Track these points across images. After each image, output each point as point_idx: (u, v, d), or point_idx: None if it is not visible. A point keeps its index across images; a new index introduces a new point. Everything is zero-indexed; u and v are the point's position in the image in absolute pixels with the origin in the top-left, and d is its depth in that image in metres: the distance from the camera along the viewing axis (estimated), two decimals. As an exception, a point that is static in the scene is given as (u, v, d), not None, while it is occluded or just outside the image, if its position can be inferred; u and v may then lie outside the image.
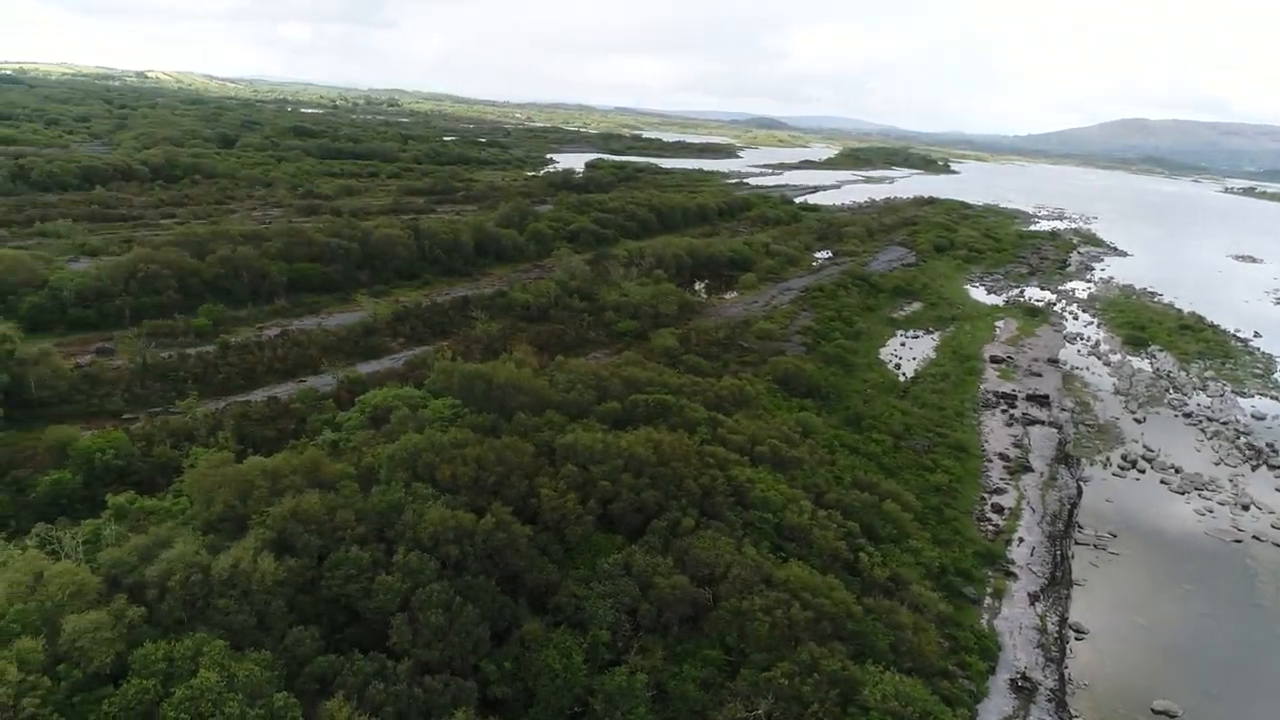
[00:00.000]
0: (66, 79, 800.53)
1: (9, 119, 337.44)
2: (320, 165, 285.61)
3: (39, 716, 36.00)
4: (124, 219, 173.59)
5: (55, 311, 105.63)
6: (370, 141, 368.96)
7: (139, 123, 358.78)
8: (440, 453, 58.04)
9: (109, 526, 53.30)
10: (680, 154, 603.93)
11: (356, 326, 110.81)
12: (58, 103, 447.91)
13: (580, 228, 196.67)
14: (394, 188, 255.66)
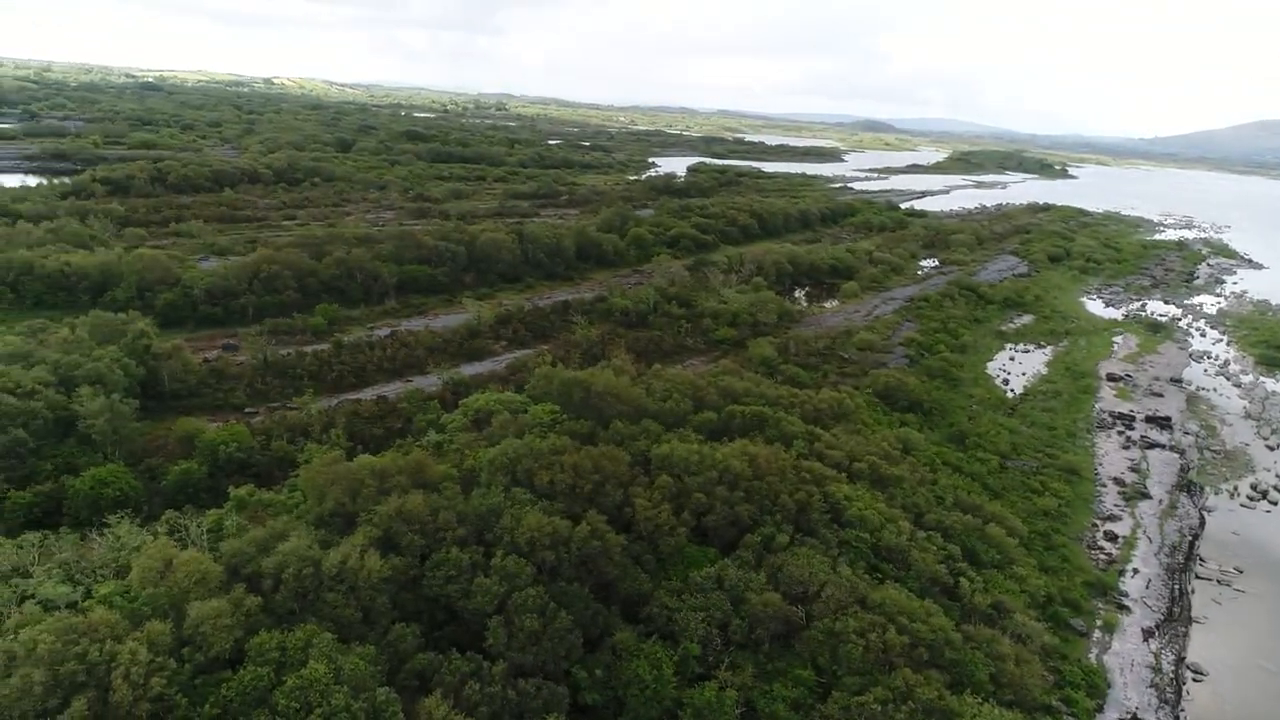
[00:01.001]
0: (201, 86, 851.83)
1: (150, 124, 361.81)
2: (430, 169, 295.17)
3: (165, 696, 38.50)
4: (249, 220, 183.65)
5: (186, 308, 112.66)
6: (478, 145, 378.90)
7: (265, 127, 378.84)
8: (539, 459, 59.25)
9: (231, 517, 56.54)
10: (783, 157, 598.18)
11: (461, 328, 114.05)
12: (193, 108, 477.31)
13: (680, 233, 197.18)
14: (500, 191, 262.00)
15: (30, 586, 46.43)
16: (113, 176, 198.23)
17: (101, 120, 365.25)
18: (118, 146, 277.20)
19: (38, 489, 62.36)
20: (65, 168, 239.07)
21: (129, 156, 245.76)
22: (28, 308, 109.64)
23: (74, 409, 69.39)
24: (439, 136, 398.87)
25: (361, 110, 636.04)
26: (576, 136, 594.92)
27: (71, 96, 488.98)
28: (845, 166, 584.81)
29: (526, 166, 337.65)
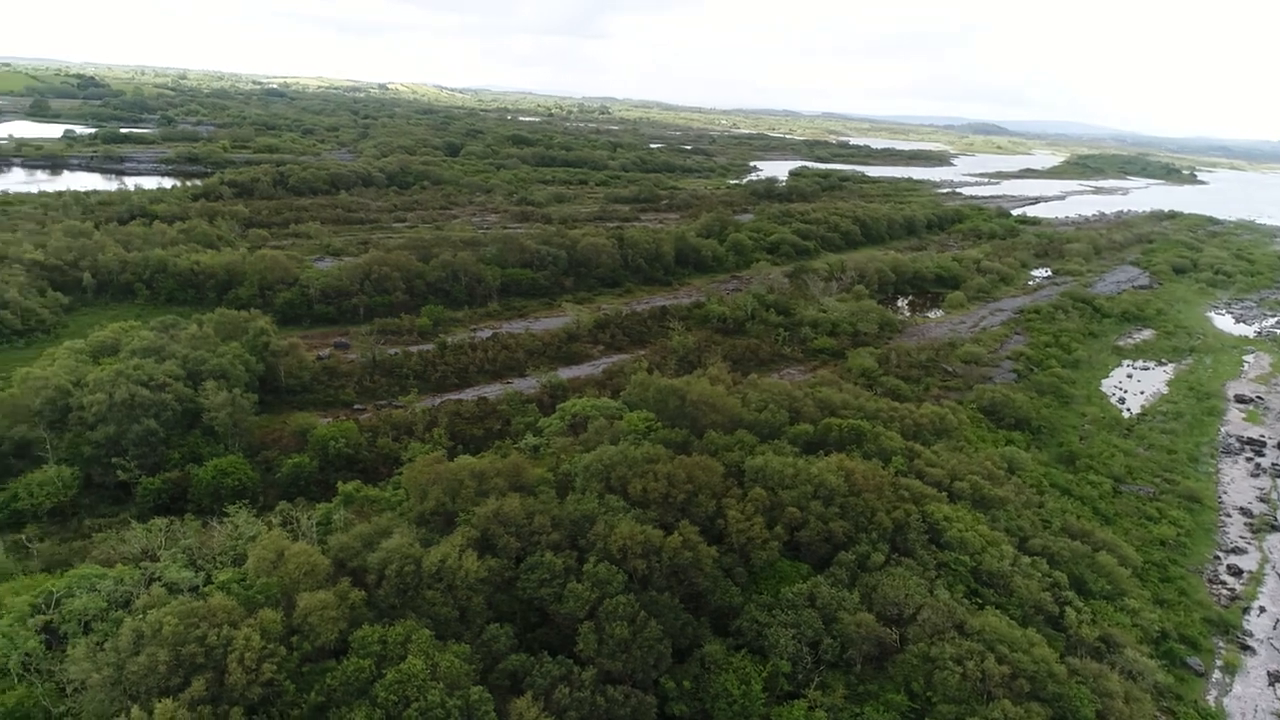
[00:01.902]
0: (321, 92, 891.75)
1: (274, 129, 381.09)
2: (534, 173, 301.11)
3: (275, 681, 40.51)
4: (362, 222, 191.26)
5: (303, 307, 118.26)
6: (581, 150, 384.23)
7: (379, 132, 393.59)
8: (633, 467, 59.72)
9: (339, 511, 59.06)
10: (889, 162, 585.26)
11: (560, 332, 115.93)
12: (313, 114, 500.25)
13: (780, 239, 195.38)
14: (601, 195, 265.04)
15: (158, 569, 49.60)
16: (239, 179, 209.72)
17: (230, 125, 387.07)
18: (244, 150, 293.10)
19: (166, 476, 66.63)
20: (197, 170, 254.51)
21: (254, 160, 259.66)
22: (161, 303, 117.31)
23: (200, 402, 73.76)
24: (543, 141, 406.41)
25: (470, 115, 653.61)
26: (678, 140, 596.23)
27: (204, 103, 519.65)
28: (954, 171, 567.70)
29: (628, 170, 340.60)
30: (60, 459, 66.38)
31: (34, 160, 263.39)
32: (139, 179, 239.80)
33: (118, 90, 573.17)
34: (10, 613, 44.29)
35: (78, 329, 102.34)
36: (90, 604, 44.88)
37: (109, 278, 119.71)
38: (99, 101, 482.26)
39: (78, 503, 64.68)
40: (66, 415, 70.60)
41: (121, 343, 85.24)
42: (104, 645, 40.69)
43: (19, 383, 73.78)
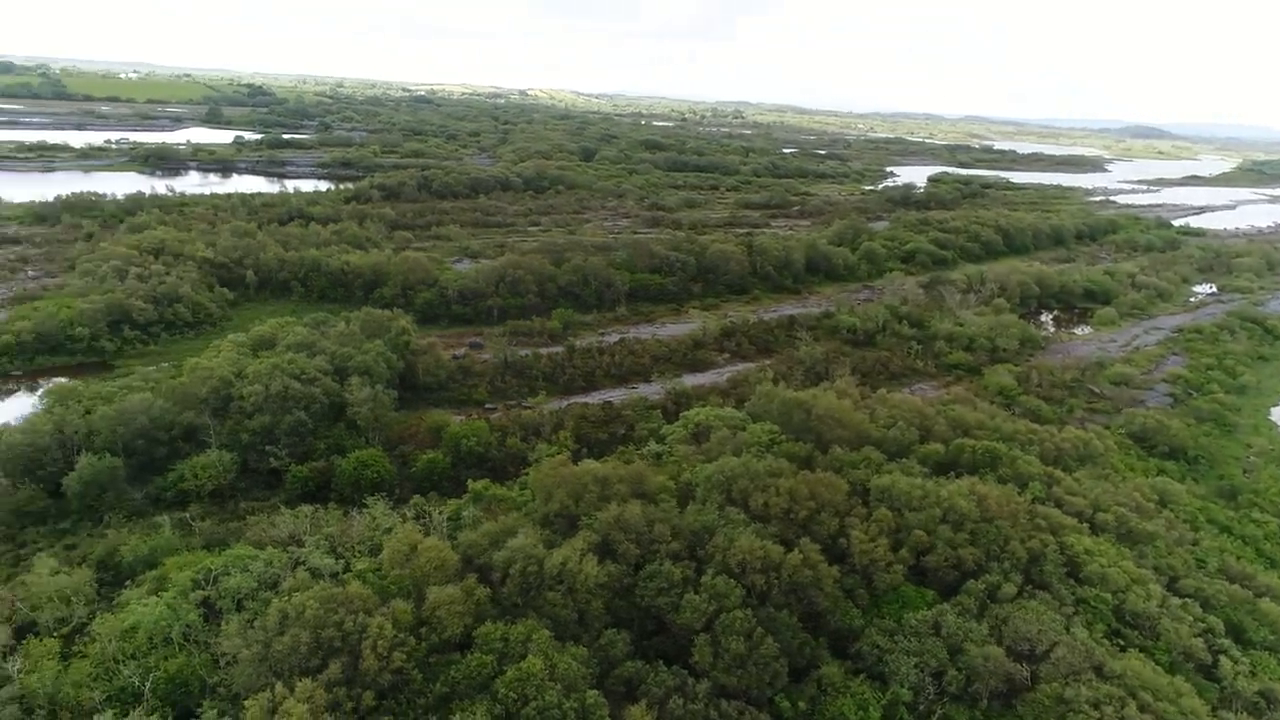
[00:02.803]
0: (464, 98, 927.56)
1: (420, 135, 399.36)
2: (666, 177, 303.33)
3: (404, 670, 42.51)
4: (499, 225, 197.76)
5: (441, 307, 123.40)
6: (713, 154, 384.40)
7: (517, 137, 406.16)
8: (755, 480, 59.33)
9: (468, 508, 61.36)
10: (1036, 167, 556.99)
11: (686, 338, 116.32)
12: (457, 119, 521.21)
13: (916, 248, 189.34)
14: (732, 201, 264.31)
15: (303, 555, 52.95)
16: (387, 183, 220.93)
17: (380, 131, 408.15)
18: (393, 155, 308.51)
19: (313, 465, 70.96)
20: (350, 174, 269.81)
21: (402, 165, 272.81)
22: (314, 300, 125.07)
23: (345, 396, 78.22)
24: (675, 145, 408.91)
25: (605, 119, 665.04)
26: (812, 144, 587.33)
27: (358, 110, 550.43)
28: (1108, 177, 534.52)
29: (759, 175, 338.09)
30: (221, 444, 71.73)
31: (207, 164, 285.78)
32: (298, 182, 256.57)
33: (282, 98, 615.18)
34: (175, 587, 48.29)
35: (240, 323, 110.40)
36: (243, 583, 48.36)
37: (269, 275, 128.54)
38: (265, 109, 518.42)
39: (235, 486, 69.72)
40: (228, 404, 76.26)
41: (278, 337, 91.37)
42: (254, 623, 43.77)
43: (188, 372, 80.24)
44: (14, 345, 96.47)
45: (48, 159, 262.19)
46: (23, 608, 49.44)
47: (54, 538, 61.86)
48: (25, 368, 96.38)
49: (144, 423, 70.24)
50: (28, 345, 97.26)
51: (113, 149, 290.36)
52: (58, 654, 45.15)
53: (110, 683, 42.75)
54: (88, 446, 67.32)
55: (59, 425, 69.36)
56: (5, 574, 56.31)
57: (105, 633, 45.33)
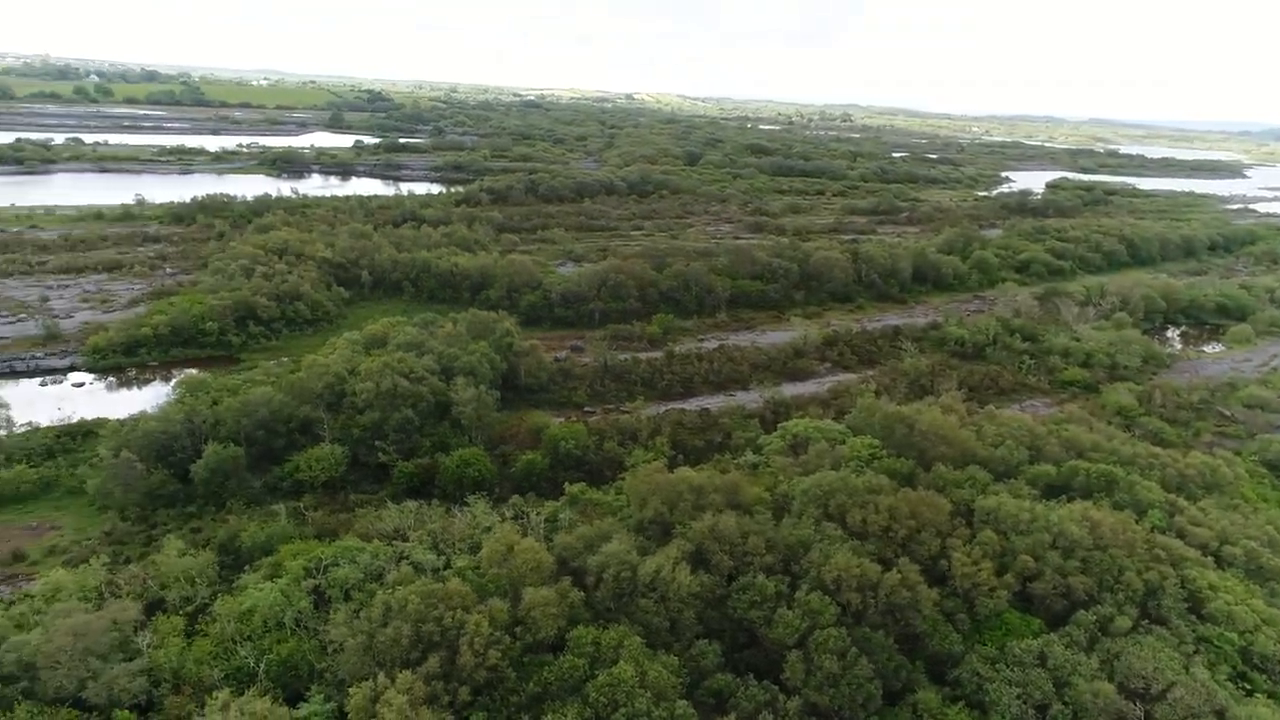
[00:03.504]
0: (572, 103, 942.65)
1: (528, 139, 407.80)
2: (771, 182, 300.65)
3: (499, 667, 43.56)
4: (603, 229, 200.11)
5: (544, 309, 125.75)
6: (820, 159, 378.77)
7: (623, 141, 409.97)
8: (853, 496, 58.22)
9: (565, 511, 62.39)
10: (1166, 173, 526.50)
11: (787, 346, 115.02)
12: (564, 124, 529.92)
13: (1032, 257, 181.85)
14: (838, 206, 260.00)
15: (406, 549, 54.91)
16: (495, 186, 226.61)
17: (491, 135, 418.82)
18: (502, 159, 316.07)
19: (418, 462, 73.46)
20: (460, 177, 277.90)
21: (510, 168, 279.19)
22: (424, 300, 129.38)
23: (450, 396, 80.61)
24: (781, 149, 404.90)
25: (710, 123, 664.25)
26: (923, 149, 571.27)
27: (470, 114, 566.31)
28: (1247, 184, 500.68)
29: (867, 180, 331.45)
30: (334, 438, 75.09)
31: (329, 167, 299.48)
32: (412, 184, 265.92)
33: (399, 103, 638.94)
34: (288, 574, 50.85)
35: (355, 321, 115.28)
36: (350, 574, 50.51)
37: (382, 275, 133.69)
38: (383, 114, 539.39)
39: (345, 479, 72.85)
40: (341, 400, 79.75)
41: (389, 336, 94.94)
42: (359, 614, 45.66)
43: (306, 368, 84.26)
44: (152, 338, 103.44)
45: (186, 162, 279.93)
46: (153, 585, 52.96)
47: (181, 520, 66.06)
48: (160, 359, 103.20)
49: (265, 415, 74.17)
50: (164, 338, 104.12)
51: (243, 153, 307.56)
52: (182, 631, 48.16)
53: (228, 661, 45.32)
54: (214, 435, 71.57)
55: (189, 414, 73.97)
56: (138, 552, 60.48)
57: (225, 614, 48.09)
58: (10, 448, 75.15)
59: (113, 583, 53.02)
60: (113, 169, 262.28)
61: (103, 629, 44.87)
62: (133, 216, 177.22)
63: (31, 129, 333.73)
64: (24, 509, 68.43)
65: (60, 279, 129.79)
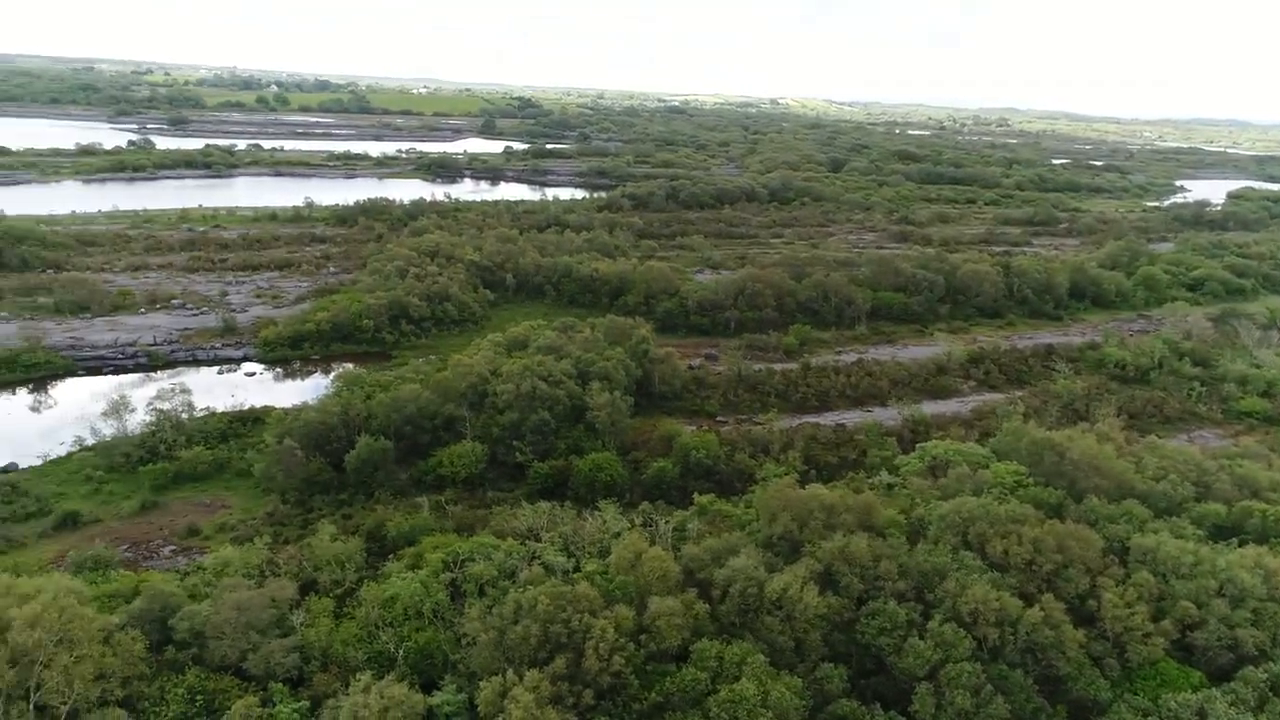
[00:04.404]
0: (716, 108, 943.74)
1: (671, 144, 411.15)
2: (918, 190, 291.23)
3: (622, 674, 44.16)
4: (742, 236, 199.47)
5: (680, 316, 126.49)
6: (972, 165, 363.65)
7: (766, 147, 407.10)
8: (995, 524, 55.61)
9: (693, 521, 62.60)
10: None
11: (929, 362, 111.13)
12: (707, 129, 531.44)
13: (1206, 275, 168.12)
14: (990, 216, 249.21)
15: (538, 549, 56.54)
16: (637, 193, 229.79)
17: (634, 141, 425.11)
18: (645, 165, 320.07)
19: (552, 464, 75.50)
20: (603, 183, 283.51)
21: (653, 174, 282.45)
22: (564, 304, 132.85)
23: (585, 400, 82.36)
24: (931, 156, 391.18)
25: (857, 129, 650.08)
26: (1087, 155, 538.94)
27: (615, 120, 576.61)
28: None
29: (1023, 189, 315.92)
30: (475, 436, 78.24)
31: (480, 172, 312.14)
32: (557, 190, 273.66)
33: (548, 110, 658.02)
34: (428, 566, 53.36)
35: (498, 322, 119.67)
36: (485, 571, 52.45)
37: (526, 279, 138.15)
38: (533, 121, 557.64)
39: (484, 476, 75.74)
40: (483, 399, 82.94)
41: (530, 339, 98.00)
42: (492, 610, 47.33)
43: (452, 368, 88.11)
44: (314, 333, 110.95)
45: (350, 167, 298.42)
46: (307, 567, 56.73)
47: (334, 507, 70.50)
48: (322, 353, 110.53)
49: (412, 411, 78.08)
50: (325, 334, 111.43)
51: (402, 158, 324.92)
52: (331, 612, 51.35)
53: (370, 645, 47.99)
54: (366, 428, 75.95)
55: (345, 407, 78.82)
56: (296, 534, 64.95)
57: (370, 599, 50.92)
58: (191, 430, 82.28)
59: (273, 561, 57.13)
60: (286, 173, 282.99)
61: (263, 605, 48.44)
62: (302, 218, 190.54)
63: (218, 136, 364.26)
64: (199, 487, 74.89)
65: (238, 275, 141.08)
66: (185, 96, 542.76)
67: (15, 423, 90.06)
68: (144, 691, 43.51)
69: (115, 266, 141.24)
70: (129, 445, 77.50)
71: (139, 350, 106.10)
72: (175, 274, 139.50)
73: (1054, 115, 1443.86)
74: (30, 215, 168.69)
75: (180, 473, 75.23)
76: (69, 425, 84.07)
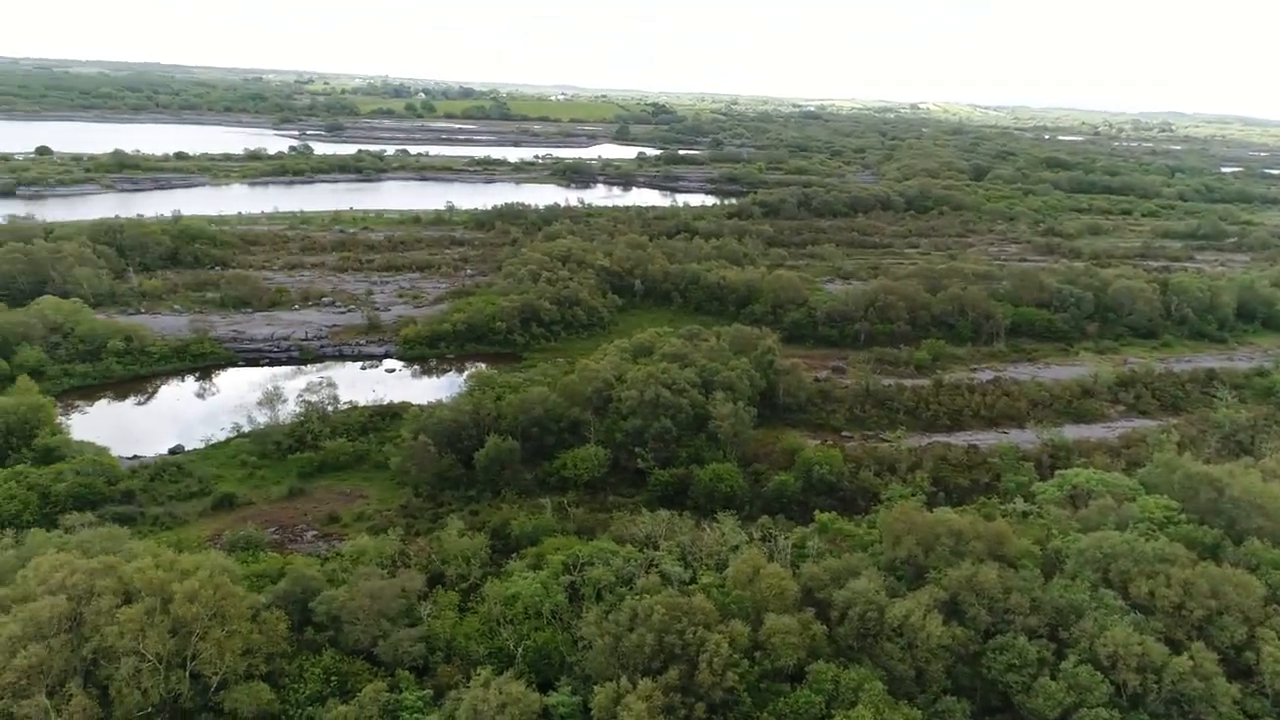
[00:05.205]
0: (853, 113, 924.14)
1: (805, 151, 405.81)
2: (1068, 200, 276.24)
3: (735, 690, 43.95)
4: (875, 246, 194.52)
5: (808, 327, 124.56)
6: (1129, 174, 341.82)
7: (904, 154, 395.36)
8: (1141, 563, 52.08)
9: (813, 539, 61.54)
10: None
11: (1073, 384, 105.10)
12: (843, 135, 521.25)
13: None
14: (1148, 229, 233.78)
15: (656, 558, 56.93)
16: (768, 200, 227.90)
17: (767, 147, 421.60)
18: (777, 171, 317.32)
19: (673, 472, 75.84)
20: (734, 190, 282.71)
21: (785, 181, 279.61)
22: (690, 311, 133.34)
23: (708, 409, 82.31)
24: (1083, 164, 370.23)
25: (1002, 134, 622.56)
26: (1263, 162, 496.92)
27: (749, 126, 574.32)
28: None
29: (1186, 200, 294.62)
30: (598, 440, 79.56)
31: (613, 178, 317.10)
32: (688, 196, 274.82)
33: (682, 116, 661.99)
34: (549, 567, 54.66)
35: (625, 328, 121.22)
36: (603, 575, 53.28)
37: (653, 285, 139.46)
38: (666, 127, 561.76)
39: (605, 480, 76.95)
40: (608, 404, 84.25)
41: (655, 346, 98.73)
42: (609, 615, 48.01)
43: (578, 372, 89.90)
44: (451, 333, 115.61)
45: (489, 172, 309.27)
46: (436, 560, 59.15)
47: (463, 503, 73.26)
48: (457, 353, 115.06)
49: (539, 413, 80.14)
50: (460, 334, 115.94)
51: (538, 164, 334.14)
52: (456, 606, 53.36)
53: (491, 641, 49.59)
54: (495, 428, 78.49)
55: (476, 407, 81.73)
56: (426, 527, 67.83)
57: (493, 596, 52.61)
58: (335, 422, 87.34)
59: (404, 553, 59.91)
60: (431, 177, 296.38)
61: (394, 594, 50.85)
62: (443, 221, 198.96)
63: (370, 141, 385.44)
64: (340, 476, 79.34)
65: (382, 275, 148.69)
66: (341, 104, 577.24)
67: (184, 407, 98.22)
68: (285, 669, 46.48)
69: (274, 265, 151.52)
70: (280, 434, 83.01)
71: (292, 344, 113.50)
72: (326, 273, 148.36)
73: (1225, 119, 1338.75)
74: (202, 215, 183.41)
75: (324, 462, 79.93)
76: (228, 412, 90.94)
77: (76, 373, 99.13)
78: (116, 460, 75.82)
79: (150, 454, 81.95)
